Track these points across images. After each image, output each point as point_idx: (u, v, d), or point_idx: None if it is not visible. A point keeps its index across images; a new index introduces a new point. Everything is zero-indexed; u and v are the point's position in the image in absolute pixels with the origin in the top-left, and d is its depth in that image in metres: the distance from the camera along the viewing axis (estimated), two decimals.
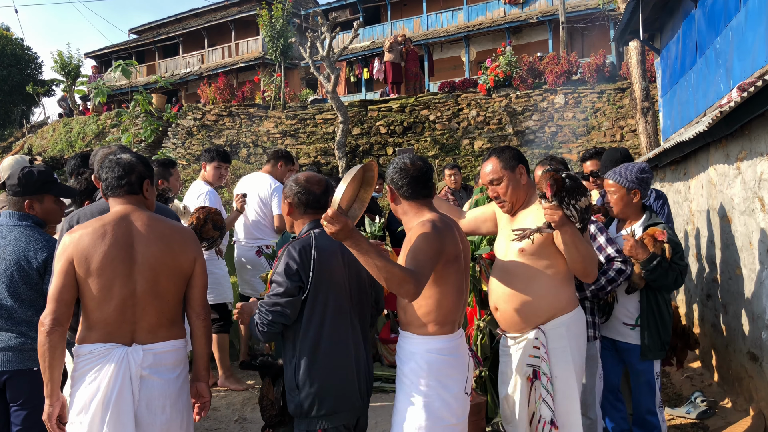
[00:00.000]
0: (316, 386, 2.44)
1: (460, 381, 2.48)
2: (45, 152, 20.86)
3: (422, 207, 2.53)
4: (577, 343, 2.76)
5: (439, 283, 2.43)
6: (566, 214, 2.43)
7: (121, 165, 2.57)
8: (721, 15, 5.62)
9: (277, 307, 2.41)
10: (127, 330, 2.46)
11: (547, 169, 2.49)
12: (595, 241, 3.20)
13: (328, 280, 2.48)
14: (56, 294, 2.39)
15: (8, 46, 29.18)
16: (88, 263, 2.40)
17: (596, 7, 18.61)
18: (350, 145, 15.66)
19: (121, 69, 12.25)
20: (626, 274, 3.20)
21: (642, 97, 10.22)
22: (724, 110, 3.87)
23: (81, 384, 2.44)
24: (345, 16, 25.05)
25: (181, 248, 2.54)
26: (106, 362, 2.41)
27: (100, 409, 2.38)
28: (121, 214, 2.52)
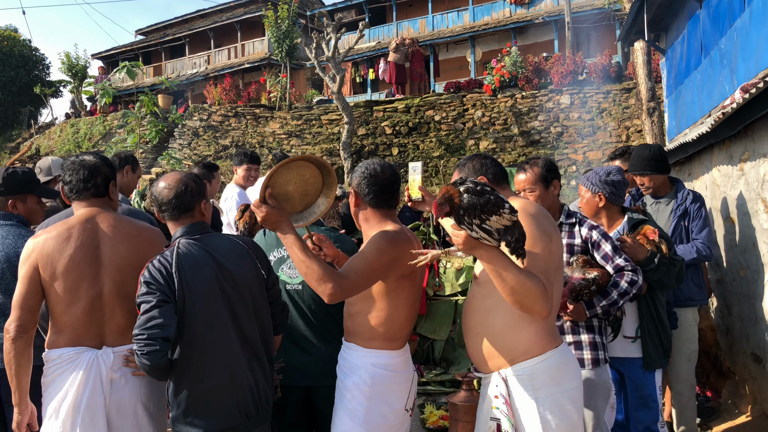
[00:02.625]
0: (183, 406, 2.26)
1: (401, 397, 2.41)
2: (52, 153, 20.99)
3: (386, 217, 2.43)
4: (554, 398, 2.13)
5: (391, 296, 2.35)
6: (473, 236, 1.95)
7: (86, 167, 2.55)
8: (726, 15, 5.60)
9: (151, 321, 2.13)
10: (96, 333, 2.45)
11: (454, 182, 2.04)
12: (599, 250, 2.99)
13: (194, 293, 2.25)
14: (21, 300, 2.38)
15: (16, 47, 29.35)
16: (54, 267, 2.39)
17: (602, 7, 18.56)
18: (356, 145, 15.68)
19: (126, 70, 12.29)
20: (639, 286, 2.95)
21: (648, 97, 10.19)
22: (726, 111, 3.87)
23: (51, 389, 2.41)
24: (350, 17, 25.06)
25: (149, 248, 2.50)
26: (76, 366, 2.38)
27: (71, 414, 2.35)
28: (87, 217, 2.50)
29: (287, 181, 2.27)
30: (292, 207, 2.35)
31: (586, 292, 2.86)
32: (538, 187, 3.00)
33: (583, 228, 3.02)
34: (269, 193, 2.21)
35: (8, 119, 28.16)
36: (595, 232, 3.00)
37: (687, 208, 3.81)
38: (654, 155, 3.82)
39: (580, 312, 2.91)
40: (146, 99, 12.11)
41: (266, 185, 2.20)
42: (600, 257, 2.98)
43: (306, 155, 2.30)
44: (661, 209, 3.91)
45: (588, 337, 2.97)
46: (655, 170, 3.82)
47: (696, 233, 3.76)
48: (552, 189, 3.03)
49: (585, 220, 3.05)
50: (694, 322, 3.76)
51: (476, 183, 1.96)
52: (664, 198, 3.93)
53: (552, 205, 3.01)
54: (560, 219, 3.05)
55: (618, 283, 2.93)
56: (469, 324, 2.32)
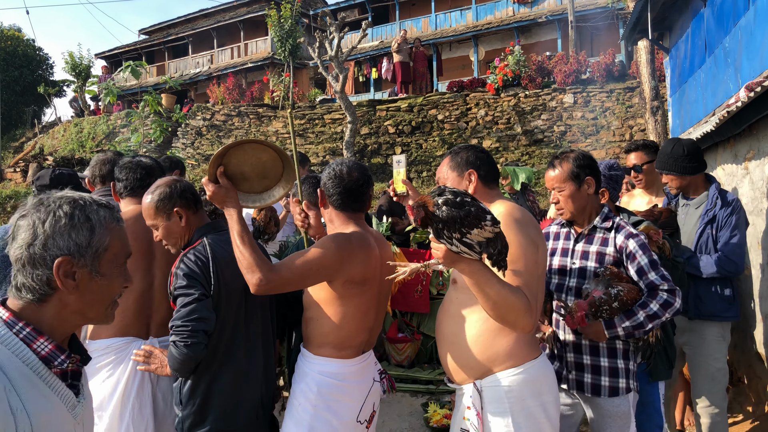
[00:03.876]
0: (198, 404, 2.25)
1: (352, 408, 2.30)
2: (56, 152, 21.03)
3: (349, 220, 2.36)
4: (529, 411, 2.04)
5: (340, 304, 2.26)
6: (453, 250, 1.85)
7: (143, 167, 2.69)
8: (730, 14, 5.59)
9: (194, 314, 2.16)
10: (144, 323, 2.53)
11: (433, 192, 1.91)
12: (633, 262, 2.55)
13: (227, 291, 2.28)
14: None
15: (20, 47, 29.43)
16: None
17: (605, 6, 18.53)
18: (359, 144, 15.68)
19: (130, 69, 12.31)
20: (674, 309, 2.49)
21: (651, 96, 10.17)
22: (731, 110, 3.86)
23: (97, 379, 2.46)
24: (353, 16, 25.07)
25: None
26: (125, 356, 2.44)
27: (120, 404, 2.42)
28: (140, 212, 2.55)
29: (242, 161, 2.26)
30: (249, 186, 2.34)
31: (606, 308, 2.47)
32: (567, 185, 2.65)
33: (620, 235, 2.60)
34: (221, 172, 2.20)
35: (12, 119, 28.22)
36: (633, 241, 2.57)
37: (716, 214, 3.34)
38: (675, 153, 3.37)
39: (599, 331, 2.53)
40: (150, 98, 12.15)
41: (218, 164, 2.20)
42: (634, 271, 2.55)
43: (262, 140, 2.29)
44: (690, 213, 3.48)
45: (608, 362, 2.58)
46: (674, 170, 3.39)
47: (722, 244, 3.30)
48: (586, 188, 2.65)
49: (624, 227, 2.62)
50: (721, 338, 3.37)
51: (456, 193, 1.84)
52: (695, 200, 3.46)
53: (587, 205, 2.67)
54: (595, 222, 2.67)
55: (647, 304, 2.49)
56: (444, 332, 2.22)
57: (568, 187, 2.64)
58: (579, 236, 2.71)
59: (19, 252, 1.25)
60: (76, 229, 1.28)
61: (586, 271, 2.64)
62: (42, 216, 1.26)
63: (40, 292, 1.27)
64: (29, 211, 1.28)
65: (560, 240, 2.80)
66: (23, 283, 1.26)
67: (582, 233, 2.70)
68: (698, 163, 3.40)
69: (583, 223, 2.71)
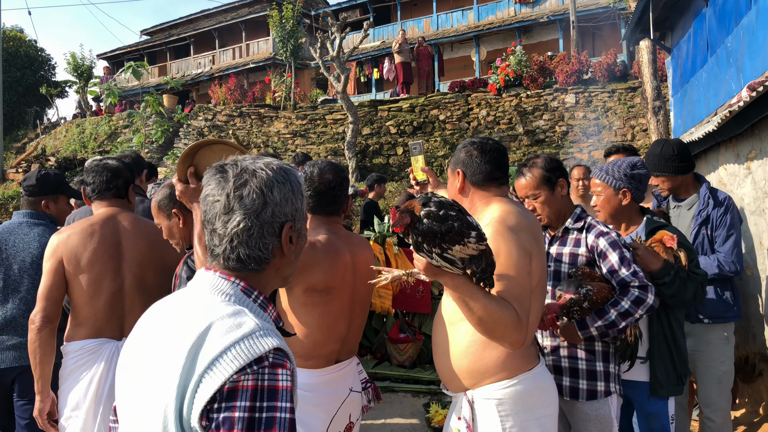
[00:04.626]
0: None
1: (323, 420, 2.22)
2: (58, 153, 21.05)
3: (321, 225, 2.30)
4: (523, 425, 1.96)
5: (302, 311, 2.20)
6: (433, 264, 1.76)
7: (109, 170, 2.71)
8: (732, 14, 5.58)
9: None
10: (117, 324, 2.56)
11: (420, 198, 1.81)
12: (604, 261, 2.50)
13: None
14: (46, 292, 2.50)
15: (22, 47, 29.45)
16: (78, 260, 2.52)
17: (607, 6, 18.51)
18: (360, 145, 15.68)
19: (132, 70, 12.34)
20: (648, 306, 2.42)
21: (653, 96, 10.16)
22: (733, 109, 3.85)
23: (72, 380, 2.51)
24: (355, 17, 25.07)
25: (166, 245, 2.59)
26: (98, 357, 2.49)
27: (93, 404, 2.46)
28: (108, 215, 2.65)
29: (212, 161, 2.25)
30: None
31: (576, 309, 2.41)
32: (542, 191, 2.60)
33: (590, 235, 2.55)
34: (191, 172, 2.18)
35: (14, 119, 28.27)
36: (603, 239, 2.51)
37: (709, 214, 3.28)
38: (666, 154, 3.31)
39: (572, 333, 2.48)
40: (151, 99, 12.17)
41: (188, 164, 2.19)
42: (606, 270, 2.50)
43: (229, 141, 2.29)
44: (683, 214, 3.43)
45: (586, 365, 2.50)
46: (666, 170, 3.33)
47: (719, 244, 3.26)
48: (559, 190, 2.61)
49: (594, 226, 2.57)
50: (725, 340, 3.30)
51: (441, 205, 1.72)
52: (687, 201, 3.41)
53: (562, 207, 2.63)
54: (566, 223, 2.62)
55: (618, 302, 2.43)
56: (437, 339, 2.15)
57: (543, 192, 2.59)
58: (553, 239, 2.67)
59: (247, 222, 1.19)
60: (295, 193, 1.25)
61: (560, 274, 2.59)
62: (266, 181, 1.21)
63: (265, 261, 1.23)
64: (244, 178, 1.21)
65: None
66: (248, 254, 1.21)
67: (555, 236, 2.66)
68: (688, 162, 3.34)
69: (557, 226, 2.66)
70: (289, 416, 1.04)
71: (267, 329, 1.12)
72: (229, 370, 1.03)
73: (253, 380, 1.03)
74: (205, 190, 1.24)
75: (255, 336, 1.08)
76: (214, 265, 1.25)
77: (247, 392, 1.02)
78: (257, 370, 1.04)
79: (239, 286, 1.21)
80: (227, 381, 1.02)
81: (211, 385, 1.03)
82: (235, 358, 1.04)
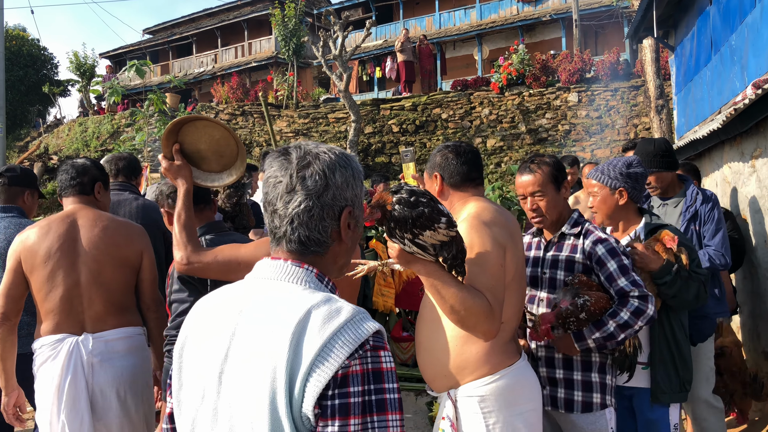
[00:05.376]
0: None
1: None
2: (61, 152, 21.08)
3: None
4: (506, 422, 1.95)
5: None
6: (406, 250, 1.79)
7: (75, 167, 2.78)
8: (736, 11, 5.56)
9: None
10: (76, 320, 2.60)
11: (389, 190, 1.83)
12: (603, 269, 2.40)
13: None
14: (5, 290, 2.59)
15: (25, 46, 29.47)
16: (34, 258, 2.58)
17: (610, 4, 18.47)
18: (362, 143, 15.68)
19: (135, 69, 12.34)
20: (647, 317, 2.31)
21: (656, 94, 10.13)
22: (738, 107, 3.84)
23: (39, 376, 2.58)
24: (357, 15, 25.05)
25: (125, 241, 2.68)
26: (58, 352, 2.54)
27: (55, 397, 2.50)
28: (68, 213, 2.71)
29: (197, 139, 2.33)
30: (208, 166, 2.40)
31: (573, 320, 2.30)
32: (548, 190, 2.48)
33: (587, 241, 2.45)
34: (176, 149, 2.25)
35: (17, 118, 28.30)
36: (601, 246, 2.41)
37: (697, 209, 3.35)
38: (659, 150, 3.35)
39: (568, 344, 2.37)
40: (154, 97, 12.16)
41: (173, 141, 2.27)
42: (603, 278, 2.40)
43: (210, 117, 2.35)
44: (669, 212, 3.48)
45: (582, 376, 2.40)
46: (662, 167, 3.37)
47: (708, 238, 3.31)
48: (563, 191, 2.53)
49: (592, 232, 2.47)
50: (710, 336, 3.29)
51: (412, 193, 1.77)
52: (673, 199, 3.47)
53: (563, 210, 2.54)
54: (563, 228, 2.53)
55: (617, 313, 2.31)
56: (419, 338, 2.15)
57: (549, 191, 2.48)
58: (549, 244, 2.56)
59: (308, 202, 1.20)
60: (356, 179, 1.26)
61: (556, 281, 2.49)
62: (329, 164, 1.21)
63: (324, 244, 1.23)
64: (307, 160, 1.21)
65: (532, 250, 2.64)
66: (308, 236, 1.21)
67: (551, 241, 2.55)
68: (676, 159, 3.44)
69: (554, 230, 2.56)
70: (397, 396, 1.07)
71: (362, 312, 1.12)
72: (340, 356, 1.04)
73: (360, 365, 1.05)
74: (267, 172, 1.24)
75: (356, 320, 1.09)
76: (278, 251, 1.24)
77: (357, 377, 1.04)
78: (362, 354, 1.06)
79: (312, 273, 1.21)
80: (340, 367, 1.03)
81: (326, 373, 1.03)
82: (344, 345, 1.05)
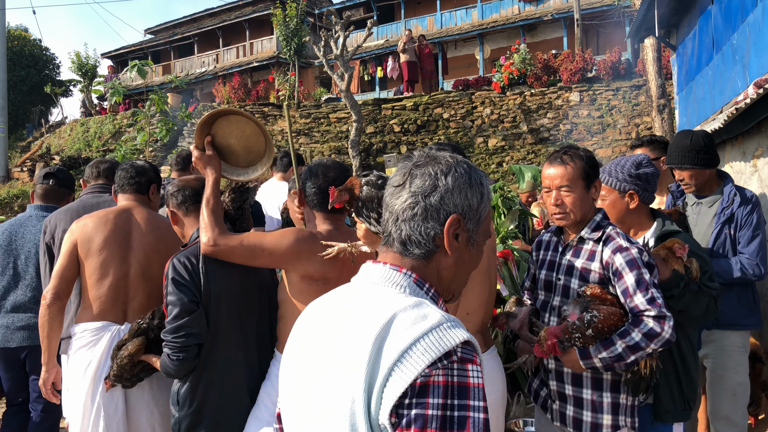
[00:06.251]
0: (195, 406, 2.27)
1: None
2: (63, 152, 21.10)
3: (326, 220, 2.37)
4: None
5: (299, 300, 2.24)
6: (372, 230, 1.84)
7: (135, 168, 2.95)
8: (738, 11, 5.55)
9: (182, 330, 2.21)
10: (120, 309, 2.72)
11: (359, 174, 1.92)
12: (619, 281, 2.16)
13: (218, 291, 2.29)
14: (59, 271, 2.69)
15: (27, 47, 29.52)
16: (89, 245, 2.70)
17: (611, 4, 18.46)
18: (364, 143, 15.68)
19: (136, 69, 12.34)
20: (663, 340, 2.05)
21: (658, 94, 10.13)
22: (740, 107, 3.83)
23: (75, 359, 2.66)
24: (359, 15, 25.05)
25: (173, 240, 2.74)
26: (100, 339, 2.64)
27: (92, 383, 2.60)
28: (124, 207, 2.85)
29: (228, 133, 2.40)
30: (235, 160, 2.49)
31: (578, 336, 2.12)
32: (577, 186, 2.27)
33: (607, 249, 2.21)
34: (208, 141, 2.34)
35: (19, 118, 28.33)
36: (620, 256, 2.16)
37: (734, 212, 3.00)
38: (697, 145, 2.99)
39: (573, 361, 2.18)
40: (156, 97, 12.17)
41: (206, 133, 2.35)
42: (620, 292, 2.16)
43: (245, 112, 2.41)
44: (703, 212, 3.15)
45: (592, 394, 2.23)
46: (698, 163, 3.01)
47: (743, 245, 2.98)
48: (593, 191, 2.31)
49: (613, 239, 2.23)
50: (743, 349, 3.06)
51: (380, 176, 1.85)
52: (708, 198, 3.13)
53: (588, 211, 2.31)
54: (582, 232, 2.30)
55: (628, 333, 2.08)
56: None
57: (579, 187, 2.27)
58: (566, 247, 2.37)
59: (412, 200, 1.17)
60: (472, 189, 1.20)
61: (570, 289, 2.31)
62: (443, 168, 1.18)
63: (426, 248, 1.18)
64: (424, 162, 1.20)
65: (549, 250, 2.47)
66: (408, 235, 1.18)
67: (569, 244, 2.35)
68: (714, 156, 3.08)
69: (574, 231, 2.35)
70: (483, 416, 0.98)
71: (453, 320, 1.06)
72: (420, 363, 0.97)
73: (443, 376, 0.97)
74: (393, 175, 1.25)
75: (443, 328, 1.02)
76: (385, 254, 1.22)
77: (438, 388, 0.96)
78: (447, 365, 0.98)
79: (411, 278, 1.17)
80: (419, 375, 0.97)
81: (403, 380, 0.97)
82: (426, 351, 0.98)
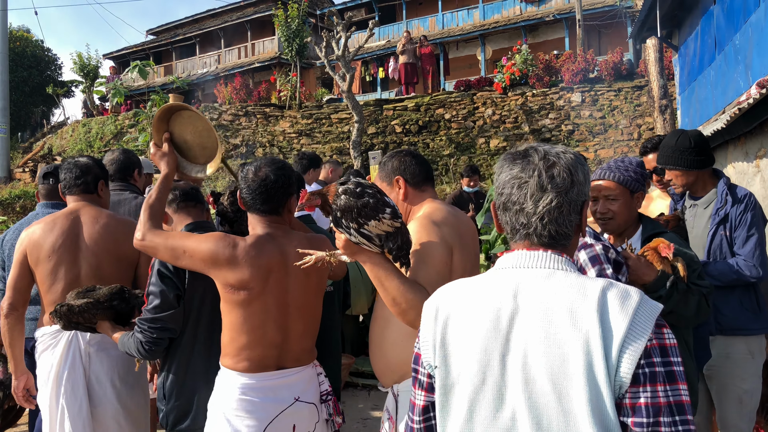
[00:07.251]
0: (183, 399, 2.31)
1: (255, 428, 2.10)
2: (65, 152, 21.12)
3: (256, 223, 2.25)
4: None
5: (227, 309, 2.17)
6: (352, 240, 1.81)
7: (79, 167, 2.89)
8: (740, 11, 5.54)
9: (159, 323, 2.26)
10: None
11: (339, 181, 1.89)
12: None
13: (203, 285, 2.31)
14: (12, 282, 2.73)
15: (28, 47, 29.56)
16: (39, 252, 2.72)
17: (613, 4, 18.45)
18: (365, 144, 15.68)
19: (138, 69, 12.36)
20: None
21: (660, 94, 10.11)
22: (742, 107, 3.83)
23: (41, 363, 2.72)
24: (360, 16, 25.05)
25: (124, 237, 2.73)
26: (58, 342, 2.69)
27: (55, 384, 2.65)
28: (72, 209, 2.84)
29: (183, 130, 2.49)
30: (193, 157, 2.57)
31: None
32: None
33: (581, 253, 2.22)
34: (166, 137, 2.41)
35: (21, 119, 28.36)
36: (583, 253, 2.12)
37: (727, 212, 2.91)
38: (682, 145, 2.92)
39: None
40: (157, 98, 12.19)
41: (163, 129, 2.43)
42: None
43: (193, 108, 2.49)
44: (699, 214, 3.06)
45: None
46: (681, 164, 2.94)
47: (739, 246, 2.89)
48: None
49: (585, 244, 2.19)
50: (748, 355, 2.94)
51: (359, 184, 1.82)
52: (703, 199, 3.05)
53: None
54: None
55: None
56: (371, 334, 2.16)
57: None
58: None
59: (560, 199, 1.27)
60: (587, 175, 1.34)
61: None
62: (572, 163, 1.30)
63: (569, 237, 1.31)
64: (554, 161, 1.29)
65: None
66: (557, 230, 1.28)
67: None
68: (706, 156, 2.97)
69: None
70: (682, 369, 1.17)
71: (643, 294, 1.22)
72: (647, 331, 1.15)
73: (656, 340, 1.16)
74: (506, 174, 1.31)
75: (645, 299, 1.20)
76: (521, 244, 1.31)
77: (656, 350, 1.15)
78: (656, 330, 1.17)
79: (569, 261, 1.29)
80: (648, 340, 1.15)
81: (638, 345, 1.14)
82: (647, 321, 1.17)
